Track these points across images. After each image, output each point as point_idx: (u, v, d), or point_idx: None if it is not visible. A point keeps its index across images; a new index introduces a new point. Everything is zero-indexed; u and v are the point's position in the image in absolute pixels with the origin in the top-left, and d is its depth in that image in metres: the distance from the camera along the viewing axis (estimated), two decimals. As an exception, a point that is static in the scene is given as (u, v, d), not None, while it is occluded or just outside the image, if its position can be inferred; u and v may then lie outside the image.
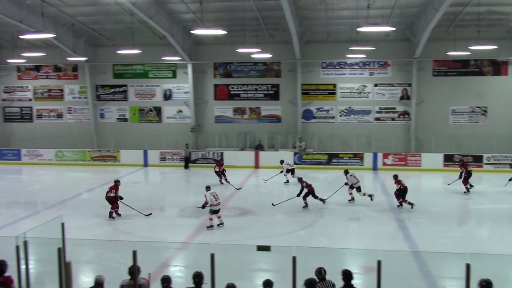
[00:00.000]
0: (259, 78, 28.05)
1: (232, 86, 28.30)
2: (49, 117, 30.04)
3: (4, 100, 30.33)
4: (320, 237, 13.82)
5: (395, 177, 17.08)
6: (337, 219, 15.90)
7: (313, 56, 26.92)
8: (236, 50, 22.94)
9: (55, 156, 27.48)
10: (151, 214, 15.88)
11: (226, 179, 21.28)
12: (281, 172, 21.75)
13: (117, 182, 16.13)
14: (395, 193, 16.90)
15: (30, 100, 30.19)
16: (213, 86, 28.49)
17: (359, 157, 25.29)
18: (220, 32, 17.12)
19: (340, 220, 15.94)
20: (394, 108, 27.03)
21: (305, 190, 16.82)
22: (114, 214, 15.64)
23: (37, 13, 21.41)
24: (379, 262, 5.91)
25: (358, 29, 17.09)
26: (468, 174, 19.25)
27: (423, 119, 26.52)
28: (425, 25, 22.10)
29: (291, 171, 21.56)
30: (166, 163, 26.58)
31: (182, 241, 13.10)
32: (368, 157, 25.17)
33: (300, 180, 17.18)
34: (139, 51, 23.58)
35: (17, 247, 6.63)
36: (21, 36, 18.64)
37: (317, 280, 6.99)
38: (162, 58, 25.94)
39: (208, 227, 14.25)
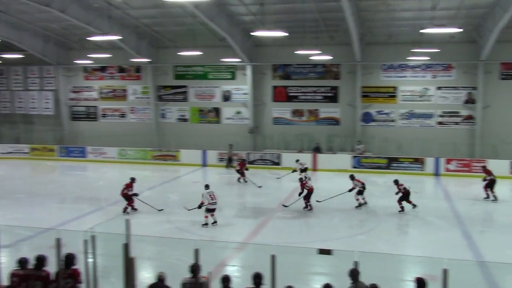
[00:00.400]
0: (318, 80, 27.85)
1: (291, 88, 28.25)
2: (113, 117, 31.07)
3: (71, 99, 31.63)
4: (380, 243, 13.54)
5: (396, 182, 16.79)
6: (396, 225, 15.54)
7: (374, 58, 26.44)
8: (295, 52, 22.87)
9: (118, 154, 28.39)
10: (162, 210, 16.70)
11: (244, 179, 21.88)
12: (294, 171, 22.02)
13: (132, 180, 17.00)
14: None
15: (96, 99, 31.34)
16: (271, 87, 28.55)
17: (420, 162, 24.60)
18: (281, 33, 17.13)
19: (400, 225, 15.57)
20: (458, 112, 26.10)
21: (305, 191, 16.78)
22: (129, 210, 16.46)
23: (104, 16, 22.23)
24: (445, 271, 5.71)
25: (422, 31, 16.67)
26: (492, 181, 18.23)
27: (489, 123, 25.43)
28: (492, 26, 21.22)
29: (304, 170, 21.65)
30: (224, 163, 26.85)
31: (240, 241, 13.20)
32: (429, 162, 24.43)
33: (301, 180, 17.40)
34: (200, 53, 23.98)
35: (85, 241, 6.89)
36: (88, 38, 19.41)
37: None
38: (222, 59, 26.24)
39: (203, 224, 14.61)
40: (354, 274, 6.72)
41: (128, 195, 16.50)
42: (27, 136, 31.33)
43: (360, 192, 17.19)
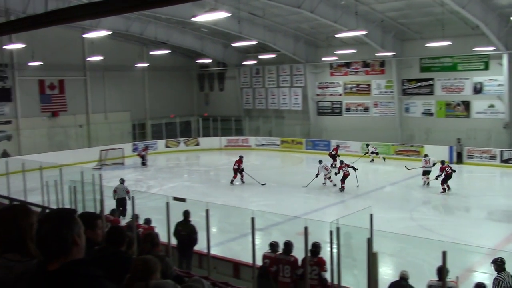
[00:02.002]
0: None
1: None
2: (357, 111, 31.51)
3: (318, 95, 33.15)
4: None
5: (442, 162, 18.87)
6: None
7: None
8: None
9: (361, 149, 28.72)
10: (265, 184, 20.70)
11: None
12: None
13: (241, 157, 21.67)
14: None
15: (340, 95, 32.20)
16: (533, 77, 25.25)
17: None
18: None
19: None
20: None
21: (341, 173, 19.48)
22: (235, 182, 21.03)
23: (350, 13, 22.65)
24: None
25: None
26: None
27: None
28: None
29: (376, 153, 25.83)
30: (474, 161, 24.88)
31: (491, 247, 12.06)
32: None
33: (341, 163, 20.31)
34: (449, 43, 22.59)
35: (331, 232, 7.12)
36: (336, 35, 19.97)
37: None
38: (474, 49, 24.26)
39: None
40: None
41: (235, 170, 21.10)
42: (278, 129, 34.00)
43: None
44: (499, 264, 7.50)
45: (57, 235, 2.21)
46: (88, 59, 29.35)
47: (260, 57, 31.25)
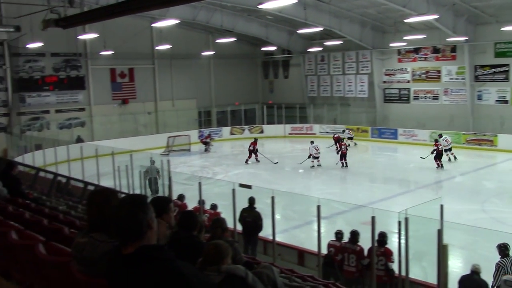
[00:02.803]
0: None
1: None
2: (425, 99, 30.50)
3: (385, 82, 32.36)
4: None
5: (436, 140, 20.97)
6: None
7: None
8: None
9: (430, 137, 27.81)
10: (277, 162, 23.31)
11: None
12: None
13: (256, 139, 24.71)
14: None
15: (408, 82, 31.26)
16: None
17: None
18: None
19: None
20: None
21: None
22: (249, 161, 23.72)
23: (420, -4, 21.85)
24: None
25: None
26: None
27: None
28: None
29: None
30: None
31: None
32: None
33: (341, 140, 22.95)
34: (527, 26, 21.38)
35: (399, 223, 6.98)
36: (405, 20, 19.36)
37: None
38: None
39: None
40: None
41: (250, 151, 23.78)
42: (343, 117, 33.54)
43: None
44: (502, 249, 7.74)
45: (132, 220, 2.32)
46: (156, 47, 30.16)
47: (325, 43, 30.85)
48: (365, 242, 8.37)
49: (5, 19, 23.94)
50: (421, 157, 21.74)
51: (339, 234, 8.99)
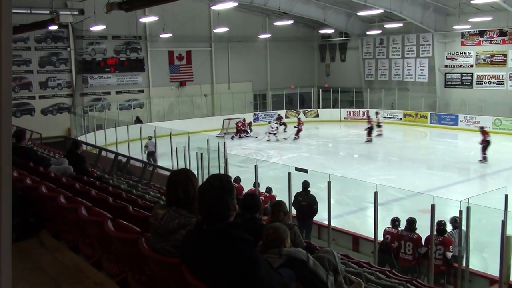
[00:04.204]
0: None
1: None
2: (489, 84, 29.26)
3: (446, 66, 31.26)
4: None
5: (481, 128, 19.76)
6: None
7: None
8: None
9: (493, 124, 26.75)
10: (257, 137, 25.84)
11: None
12: None
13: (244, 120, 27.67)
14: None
15: (471, 66, 30.05)
16: None
17: None
18: None
19: None
20: None
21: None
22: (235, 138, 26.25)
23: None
24: None
25: None
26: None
27: None
28: None
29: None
30: None
31: None
32: None
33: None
34: None
35: (460, 212, 6.79)
36: (471, 1, 18.57)
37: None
38: None
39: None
40: None
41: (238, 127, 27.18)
42: (402, 102, 32.71)
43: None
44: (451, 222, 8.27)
45: (222, 204, 2.47)
46: (214, 30, 30.38)
47: (385, 26, 30.08)
48: (422, 230, 8.21)
49: (69, 2, 24.78)
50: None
51: (396, 222, 8.86)
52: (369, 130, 25.00)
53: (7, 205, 1.37)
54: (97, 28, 23.49)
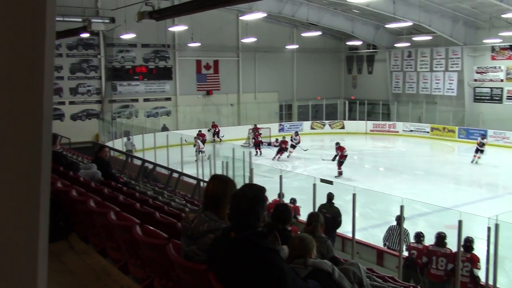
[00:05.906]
0: None
1: None
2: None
3: (475, 80, 30.80)
4: None
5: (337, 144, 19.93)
6: None
7: None
8: None
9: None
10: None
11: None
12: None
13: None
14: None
15: (502, 80, 29.54)
16: None
17: None
18: None
19: None
20: None
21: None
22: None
23: (520, -10, 20.58)
24: None
25: None
26: None
27: None
28: None
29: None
30: None
31: None
32: None
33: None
34: None
35: (489, 229, 6.68)
36: (502, 15, 18.36)
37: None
38: None
39: None
40: None
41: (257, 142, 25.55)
42: (429, 115, 32.31)
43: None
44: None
45: (252, 214, 2.50)
46: (242, 40, 30.60)
47: (413, 39, 29.86)
48: (448, 246, 8.09)
49: (101, 10, 25.30)
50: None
51: (420, 237, 8.74)
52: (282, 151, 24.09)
53: (45, 208, 1.42)
54: (128, 36, 23.91)
